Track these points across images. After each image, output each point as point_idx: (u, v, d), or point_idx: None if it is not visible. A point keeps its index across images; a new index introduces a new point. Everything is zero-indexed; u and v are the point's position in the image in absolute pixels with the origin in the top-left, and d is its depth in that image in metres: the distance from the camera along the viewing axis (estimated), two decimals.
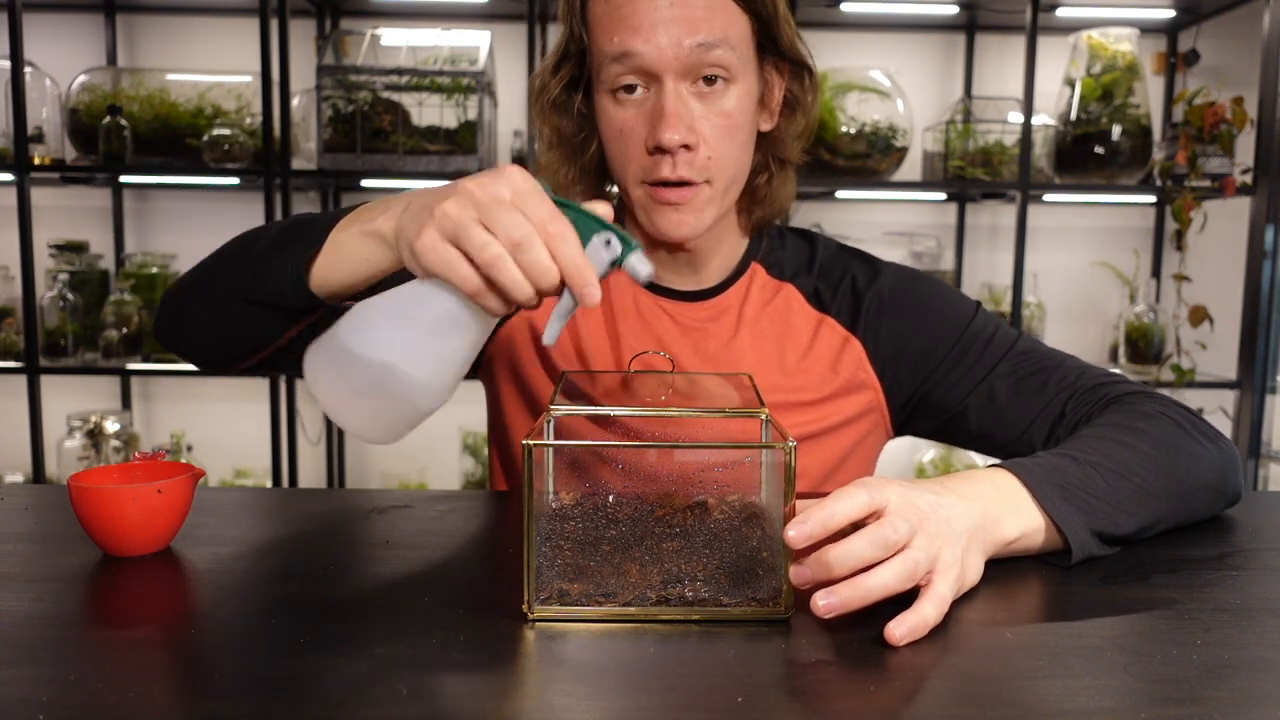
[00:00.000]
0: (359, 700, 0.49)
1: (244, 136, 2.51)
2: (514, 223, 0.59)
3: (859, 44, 2.84)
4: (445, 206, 0.60)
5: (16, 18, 2.35)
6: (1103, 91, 2.52)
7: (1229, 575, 0.70)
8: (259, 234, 0.83)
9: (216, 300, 0.83)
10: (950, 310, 0.99)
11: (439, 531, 0.78)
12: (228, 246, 0.86)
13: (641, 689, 0.51)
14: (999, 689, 0.51)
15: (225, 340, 0.86)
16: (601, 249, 0.62)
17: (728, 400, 0.68)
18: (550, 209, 0.61)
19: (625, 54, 0.87)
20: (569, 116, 0.98)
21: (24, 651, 0.54)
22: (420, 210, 0.63)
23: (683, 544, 0.61)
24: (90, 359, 2.58)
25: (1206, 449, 0.82)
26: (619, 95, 0.90)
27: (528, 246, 0.59)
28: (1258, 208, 2.48)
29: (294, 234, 0.78)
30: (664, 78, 0.87)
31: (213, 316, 0.85)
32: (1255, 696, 0.51)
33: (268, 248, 0.79)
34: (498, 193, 0.61)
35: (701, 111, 0.89)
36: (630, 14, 0.86)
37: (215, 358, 0.89)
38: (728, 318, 0.99)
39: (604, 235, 0.62)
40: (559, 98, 0.97)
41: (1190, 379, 2.54)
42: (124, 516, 0.69)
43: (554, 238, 0.60)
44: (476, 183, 0.62)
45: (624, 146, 0.91)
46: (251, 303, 0.80)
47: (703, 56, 0.86)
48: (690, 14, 0.86)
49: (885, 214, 2.91)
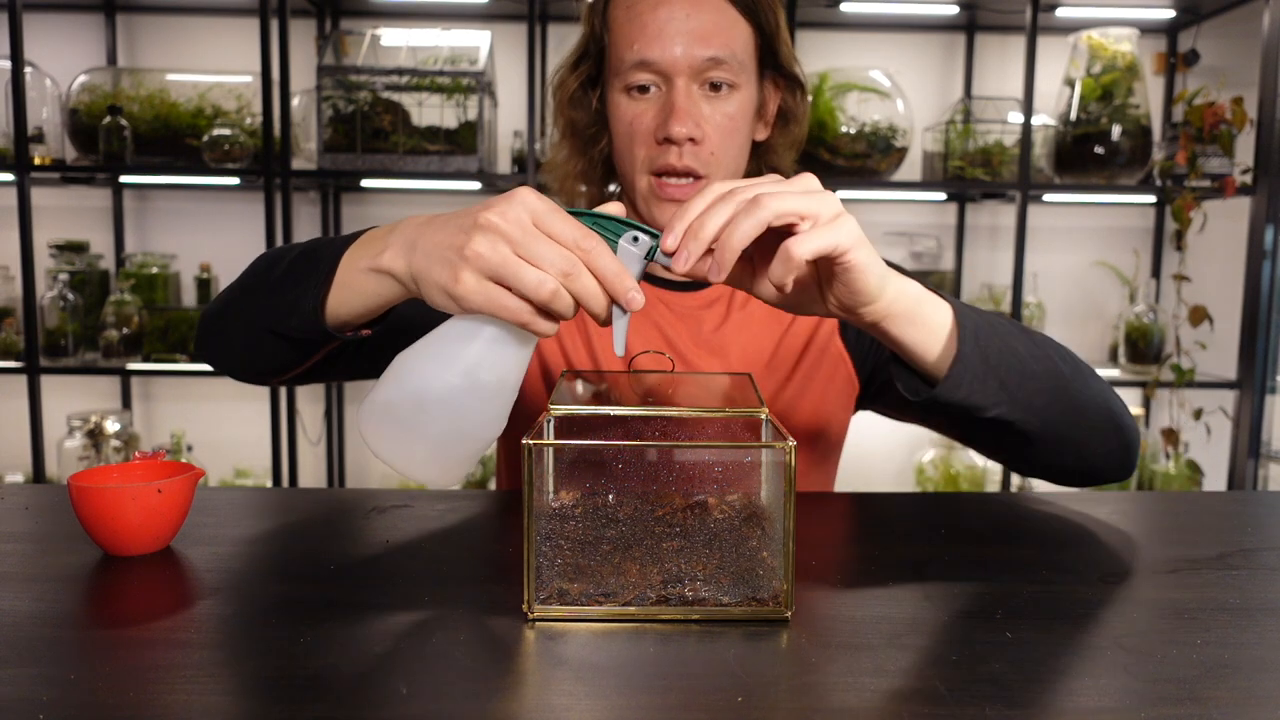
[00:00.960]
0: (359, 700, 0.49)
1: (244, 136, 2.51)
2: (555, 254, 0.61)
3: (859, 44, 2.84)
4: (476, 247, 0.61)
5: (16, 18, 2.35)
6: (1103, 91, 2.52)
7: (1229, 575, 0.70)
8: (274, 262, 0.85)
9: (243, 325, 0.86)
10: None
11: (439, 531, 0.78)
12: (249, 272, 0.89)
13: (641, 689, 0.51)
14: (1000, 689, 0.51)
15: (257, 361, 0.88)
16: (631, 247, 0.64)
17: (728, 400, 0.69)
18: (576, 225, 0.62)
19: (643, 61, 0.95)
20: (584, 110, 1.06)
21: (24, 651, 0.54)
22: (441, 251, 0.63)
23: (683, 544, 0.61)
24: (90, 359, 2.58)
25: (1109, 387, 0.88)
26: (633, 93, 0.98)
27: (576, 274, 0.61)
28: (1258, 208, 2.48)
29: (304, 265, 0.79)
30: (676, 79, 0.95)
31: (241, 340, 0.87)
32: (1255, 696, 0.51)
33: (281, 281, 0.81)
34: (521, 220, 0.61)
35: (708, 111, 0.96)
36: (651, 23, 0.95)
37: (253, 374, 0.91)
38: (718, 306, 1.06)
39: (630, 234, 0.64)
40: (576, 93, 1.06)
41: (1190, 379, 2.54)
42: (124, 516, 0.69)
43: (590, 255, 0.61)
44: (496, 213, 0.61)
45: (633, 139, 0.98)
46: (272, 333, 0.82)
47: (712, 67, 0.95)
48: (703, 28, 0.95)
49: (885, 214, 2.91)
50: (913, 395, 0.78)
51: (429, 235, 0.65)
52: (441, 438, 0.64)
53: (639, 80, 0.97)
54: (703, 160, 0.96)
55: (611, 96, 1.01)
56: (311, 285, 0.76)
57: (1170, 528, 0.81)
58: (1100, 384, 0.86)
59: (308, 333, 0.78)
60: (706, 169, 0.97)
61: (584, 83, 1.05)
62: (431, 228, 0.66)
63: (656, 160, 0.97)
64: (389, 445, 0.65)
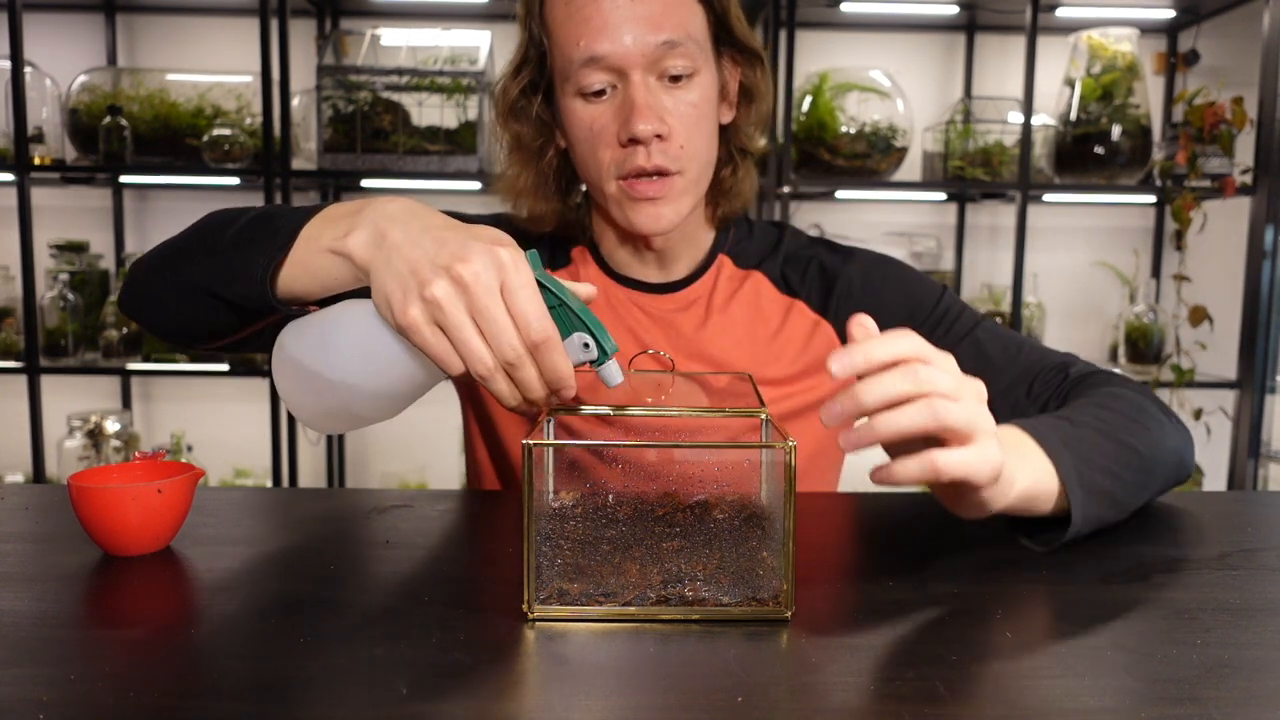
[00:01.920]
0: (359, 700, 0.49)
1: (244, 136, 2.51)
2: (506, 340, 0.61)
3: (859, 44, 2.84)
4: (437, 293, 0.60)
5: (16, 18, 2.35)
6: (1103, 91, 2.52)
7: (1229, 575, 0.70)
8: (225, 223, 0.80)
9: (179, 285, 0.81)
10: (918, 291, 1.02)
11: (439, 531, 0.78)
12: (195, 230, 0.83)
13: (641, 689, 0.51)
14: (999, 689, 0.51)
15: (187, 324, 0.84)
16: (579, 350, 0.64)
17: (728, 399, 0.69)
18: (538, 312, 0.61)
19: (592, 57, 0.88)
20: (527, 122, 0.99)
21: (24, 651, 0.54)
22: (403, 273, 0.62)
23: (683, 544, 0.61)
24: (90, 359, 2.58)
25: (1172, 423, 0.85)
26: (588, 97, 0.91)
27: (519, 366, 0.62)
28: (1258, 208, 2.48)
29: (258, 231, 0.76)
30: (631, 73, 0.89)
31: (176, 301, 0.83)
32: (1255, 696, 0.51)
33: (233, 243, 0.77)
34: (489, 283, 0.60)
35: (670, 103, 0.90)
36: (593, 14, 0.88)
37: (178, 337, 0.87)
38: (696, 308, 1.02)
39: (583, 337, 0.64)
40: (518, 102, 0.98)
41: (1190, 379, 2.54)
42: (124, 516, 0.69)
43: (540, 349, 0.61)
44: (469, 269, 0.60)
45: (595, 144, 0.92)
46: (214, 297, 0.78)
47: (667, 53, 0.89)
48: (650, 11, 0.88)
49: (885, 214, 2.91)
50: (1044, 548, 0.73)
51: (399, 245, 0.64)
52: (331, 407, 0.69)
53: (592, 83, 0.90)
54: (672, 156, 0.91)
55: (564, 103, 0.94)
56: (264, 254, 0.73)
57: (1170, 528, 0.81)
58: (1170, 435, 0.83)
59: (252, 301, 0.75)
60: (678, 164, 0.91)
61: (524, 90, 0.97)
62: (405, 235, 0.64)
63: (624, 164, 0.91)
64: (285, 383, 0.71)
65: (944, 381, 0.60)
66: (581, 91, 0.91)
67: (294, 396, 0.71)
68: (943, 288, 1.03)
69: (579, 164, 0.97)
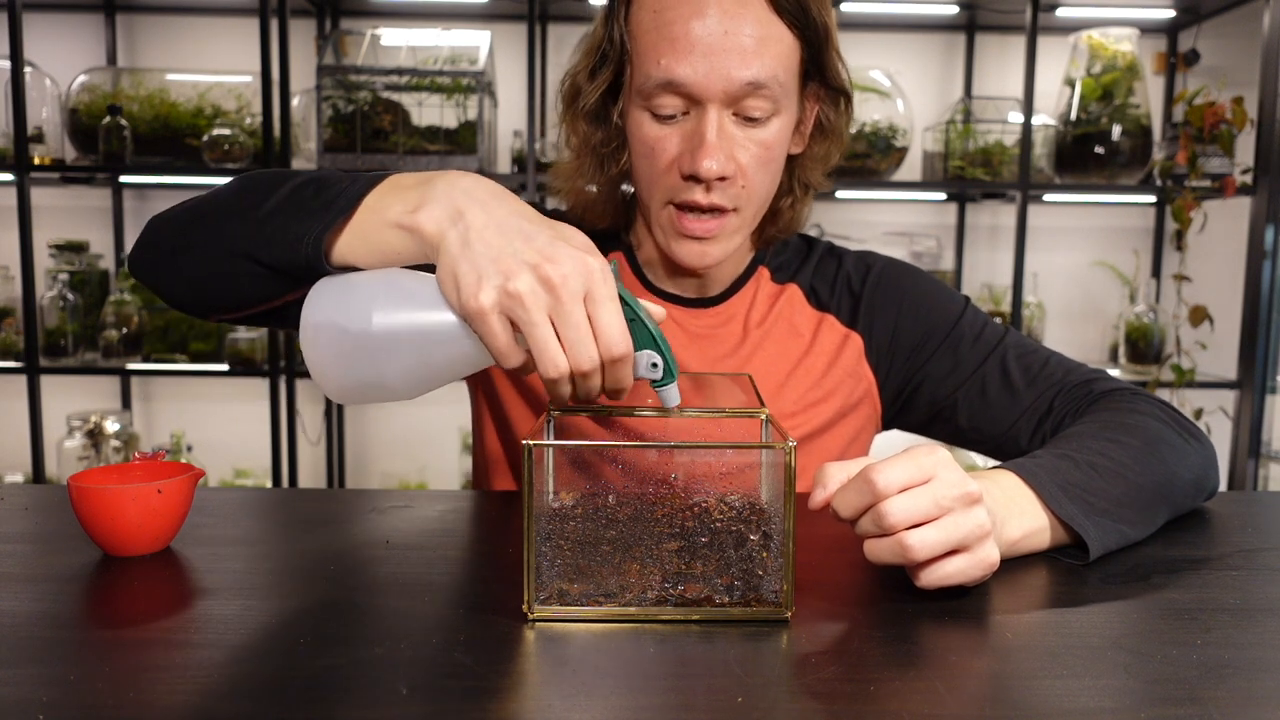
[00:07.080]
0: (359, 700, 0.49)
1: (244, 136, 2.51)
2: (584, 351, 0.60)
3: (859, 44, 2.84)
4: (519, 286, 0.59)
5: (16, 18, 2.35)
6: (1103, 91, 2.52)
7: (1229, 575, 0.70)
8: (269, 184, 0.74)
9: (211, 250, 0.74)
10: (942, 303, 1.01)
11: (439, 531, 0.78)
12: (233, 190, 0.76)
13: (641, 689, 0.51)
14: (999, 689, 0.51)
15: (212, 291, 0.77)
16: (646, 368, 0.65)
17: (729, 401, 0.69)
18: (620, 327, 0.61)
19: (671, 81, 0.83)
20: (604, 126, 0.93)
21: (24, 651, 0.54)
22: (484, 259, 0.60)
23: (683, 544, 0.61)
24: (90, 359, 2.58)
25: (1192, 445, 0.84)
26: (658, 116, 0.86)
27: (590, 375, 0.61)
28: (1258, 208, 2.48)
29: (311, 196, 0.71)
30: (708, 106, 0.84)
31: (204, 266, 0.75)
32: (1255, 696, 0.51)
33: (279, 208, 0.71)
34: (575, 289, 0.60)
35: (741, 140, 0.86)
36: (681, 35, 0.82)
37: (194, 303, 0.79)
38: (734, 324, 0.99)
39: (653, 356, 0.64)
40: (594, 106, 0.92)
41: (1190, 379, 2.54)
42: (124, 516, 0.69)
43: (614, 364, 0.62)
44: (559, 272, 0.59)
45: (654, 163, 0.87)
46: (254, 261, 0.72)
47: (750, 93, 0.83)
48: (742, 45, 0.82)
49: (885, 214, 2.91)
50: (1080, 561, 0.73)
51: (481, 229, 0.61)
52: (363, 375, 0.65)
53: (664, 106, 0.85)
54: (732, 195, 0.86)
55: (631, 111, 0.88)
56: (319, 220, 0.68)
57: (1170, 528, 0.81)
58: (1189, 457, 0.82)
59: (296, 268, 0.70)
60: (736, 203, 0.87)
61: (604, 94, 0.91)
62: (488, 218, 0.62)
63: (679, 193, 0.87)
64: (314, 343, 0.66)
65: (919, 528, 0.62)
66: (651, 109, 0.86)
67: (322, 359, 0.66)
68: (965, 300, 1.01)
69: (634, 174, 0.92)
